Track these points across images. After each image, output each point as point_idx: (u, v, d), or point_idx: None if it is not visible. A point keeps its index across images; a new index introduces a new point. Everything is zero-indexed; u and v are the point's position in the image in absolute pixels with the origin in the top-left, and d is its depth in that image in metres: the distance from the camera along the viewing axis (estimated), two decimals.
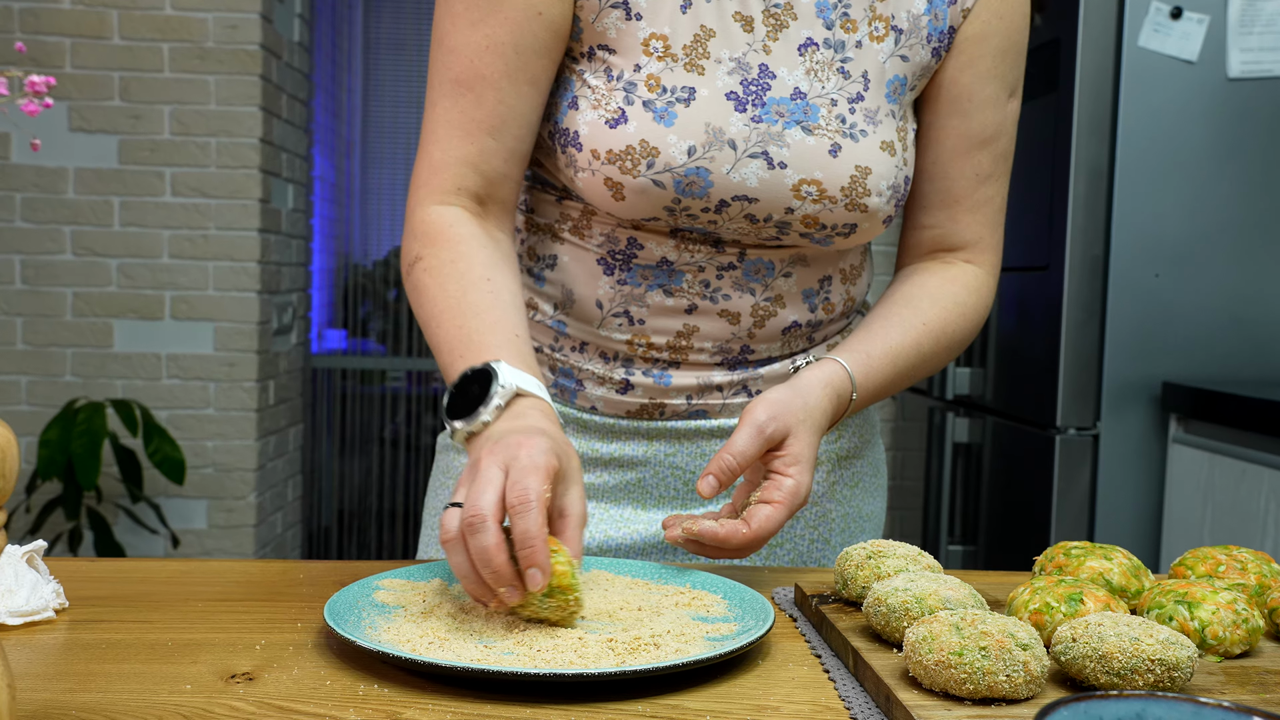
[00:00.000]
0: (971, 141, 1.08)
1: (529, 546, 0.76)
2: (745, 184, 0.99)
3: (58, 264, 3.23)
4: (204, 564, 1.00)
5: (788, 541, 1.13)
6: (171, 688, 0.70)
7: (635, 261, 1.04)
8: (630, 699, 0.70)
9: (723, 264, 1.05)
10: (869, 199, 1.01)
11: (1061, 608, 0.75)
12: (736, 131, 0.99)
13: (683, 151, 0.97)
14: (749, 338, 1.07)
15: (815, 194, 1.00)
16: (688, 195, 0.99)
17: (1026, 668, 0.65)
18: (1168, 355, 2.28)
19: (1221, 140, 2.26)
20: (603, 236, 1.05)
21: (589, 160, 0.99)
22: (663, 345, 1.06)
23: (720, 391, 1.09)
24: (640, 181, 0.98)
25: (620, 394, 1.08)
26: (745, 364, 1.09)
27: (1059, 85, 2.34)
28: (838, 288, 1.11)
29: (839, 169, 1.00)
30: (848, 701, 0.70)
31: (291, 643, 0.79)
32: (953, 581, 0.77)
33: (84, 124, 3.20)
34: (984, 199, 1.10)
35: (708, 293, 1.05)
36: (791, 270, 1.07)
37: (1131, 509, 2.31)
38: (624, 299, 1.05)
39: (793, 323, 1.08)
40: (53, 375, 3.25)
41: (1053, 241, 2.35)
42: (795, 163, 0.99)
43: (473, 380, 0.89)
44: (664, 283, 1.05)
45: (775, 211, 1.01)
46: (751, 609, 0.83)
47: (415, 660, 0.70)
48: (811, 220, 1.01)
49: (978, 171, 1.09)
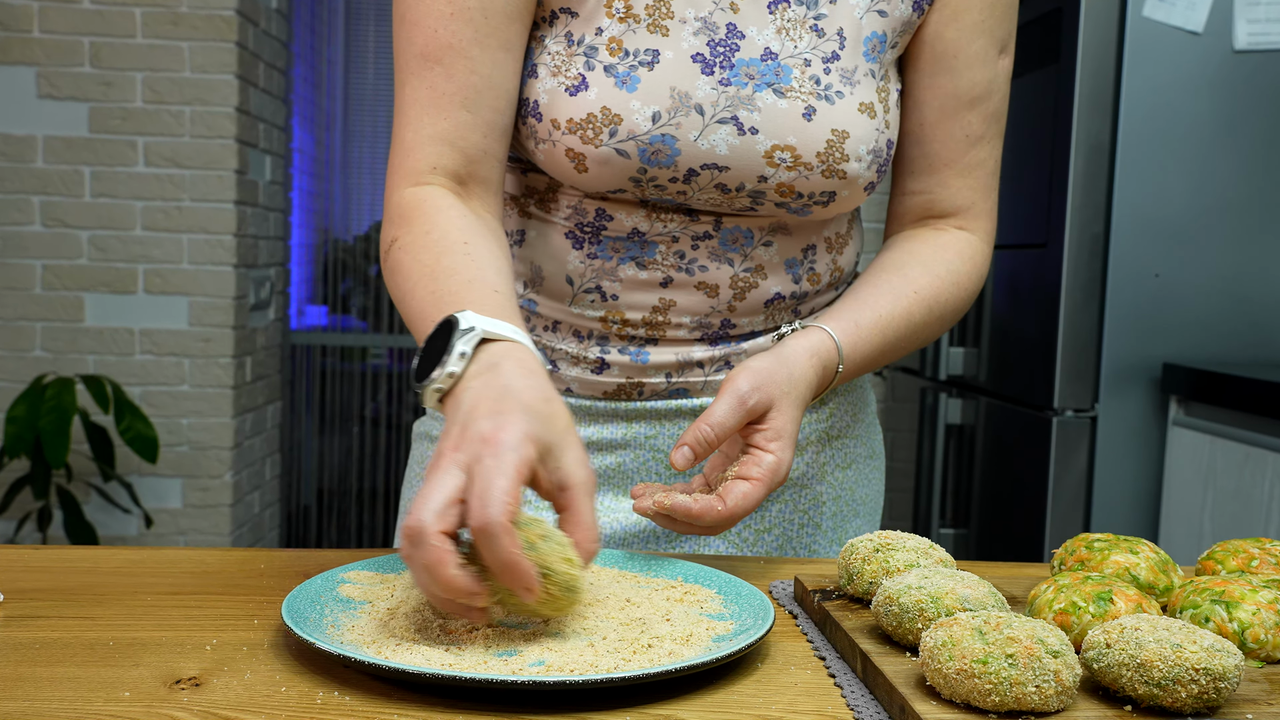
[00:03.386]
0: (960, 101, 1.01)
1: (508, 573, 0.66)
2: (714, 151, 0.93)
3: (26, 235, 3.13)
4: (156, 552, 0.93)
5: (776, 526, 1.06)
6: (108, 695, 0.63)
7: (605, 234, 0.99)
8: (619, 708, 0.63)
9: (697, 234, 0.99)
10: (848, 165, 0.95)
11: (1090, 608, 0.68)
12: (703, 96, 0.93)
13: (646, 118, 0.92)
14: (729, 311, 1.01)
15: (789, 160, 0.94)
16: (654, 165, 0.93)
17: (1058, 677, 0.59)
18: (1168, 336, 2.22)
19: (1227, 114, 2.20)
20: (570, 209, 0.99)
21: (549, 130, 0.94)
22: (638, 321, 1.01)
23: (701, 368, 1.03)
24: (603, 151, 0.93)
25: (596, 374, 1.02)
26: (727, 339, 1.03)
27: (1060, 57, 2.27)
28: (823, 257, 1.05)
29: (814, 133, 0.94)
30: (857, 711, 0.64)
31: (246, 643, 0.72)
32: (970, 578, 0.70)
33: (53, 90, 3.10)
34: (975, 162, 1.04)
35: (683, 264, 0.99)
36: (772, 239, 1.01)
37: (1129, 494, 2.25)
38: (595, 274, 1.00)
39: (775, 294, 1.02)
40: (21, 350, 3.16)
41: (1051, 218, 2.29)
42: (767, 128, 0.94)
43: (437, 336, 0.80)
44: (636, 255, 0.99)
45: (748, 180, 0.95)
46: (749, 606, 0.76)
47: (379, 665, 0.63)
48: (787, 188, 0.96)
49: (968, 133, 1.02)
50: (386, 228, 0.96)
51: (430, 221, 0.92)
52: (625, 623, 0.74)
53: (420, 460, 1.10)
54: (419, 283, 0.88)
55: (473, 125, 0.94)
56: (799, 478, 1.07)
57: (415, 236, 0.91)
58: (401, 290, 0.91)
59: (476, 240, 0.90)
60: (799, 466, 1.06)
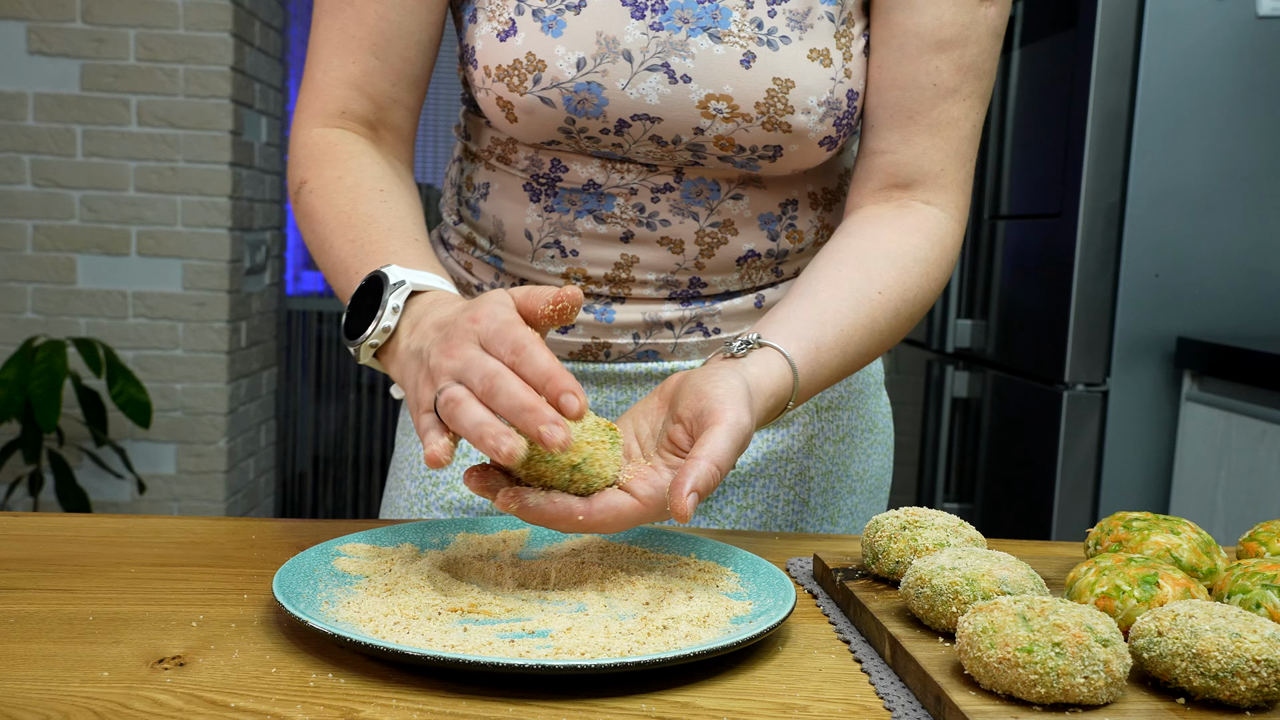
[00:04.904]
0: (925, 41, 0.89)
1: (549, 379, 0.64)
2: (645, 101, 0.88)
3: (16, 195, 3.07)
4: (142, 521, 0.89)
5: (760, 503, 1.01)
6: (84, 674, 0.59)
7: (561, 185, 0.95)
8: (632, 694, 0.59)
9: (658, 186, 0.93)
10: (792, 117, 0.88)
11: (1135, 592, 0.64)
12: (633, 41, 0.87)
13: (571, 64, 0.87)
14: (697, 268, 0.96)
15: (726, 111, 0.88)
16: (582, 114, 0.89)
17: (1108, 667, 0.55)
18: (1183, 309, 2.18)
19: (1248, 83, 2.14)
20: (527, 160, 0.95)
21: (483, 78, 0.90)
22: (601, 278, 0.96)
23: (671, 329, 0.97)
24: (528, 99, 0.88)
25: (561, 333, 0.98)
26: (698, 298, 0.97)
27: (1078, 22, 2.21)
28: (806, 214, 0.97)
29: (752, 82, 0.87)
30: (888, 700, 0.60)
31: (234, 619, 0.68)
32: (1007, 559, 0.66)
33: (43, 46, 3.03)
34: (945, 119, 0.91)
35: (643, 218, 0.94)
36: (742, 192, 0.94)
37: (1140, 470, 2.22)
38: (553, 228, 0.96)
39: (749, 252, 0.96)
40: (12, 312, 3.10)
41: (1066, 188, 2.24)
42: (701, 75, 0.87)
43: (365, 293, 0.78)
44: (594, 208, 0.94)
45: (683, 132, 0.89)
46: (768, 585, 0.72)
47: (376, 646, 0.59)
48: (726, 141, 0.89)
49: (935, 80, 0.90)
50: (295, 168, 0.93)
51: (343, 166, 0.89)
52: (640, 602, 0.69)
53: (404, 426, 1.06)
54: (336, 230, 0.86)
55: (381, 73, 0.92)
56: (784, 450, 1.01)
57: (327, 180, 0.89)
58: (317, 236, 0.88)
59: (391, 187, 0.89)
60: (783, 439, 1.01)
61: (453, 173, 1.05)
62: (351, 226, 0.85)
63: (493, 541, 0.80)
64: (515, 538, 0.81)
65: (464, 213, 1.02)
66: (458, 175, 1.03)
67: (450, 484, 1.00)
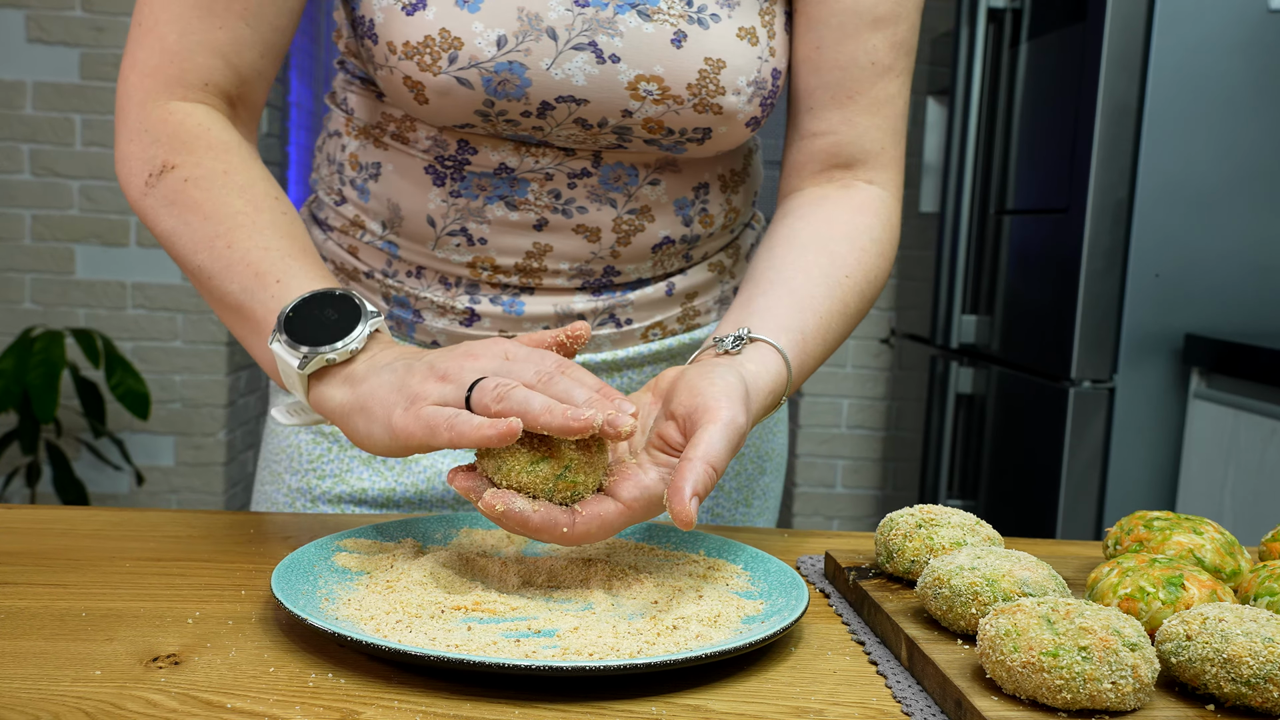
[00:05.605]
0: (862, 19, 0.88)
1: (601, 388, 0.66)
2: (570, 82, 0.83)
3: (15, 184, 3.05)
4: (138, 514, 0.87)
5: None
6: (76, 673, 0.57)
7: (469, 169, 0.88)
8: (642, 696, 0.57)
9: (574, 171, 0.88)
10: (724, 98, 0.85)
11: (1160, 594, 0.62)
12: (557, 18, 0.82)
13: (490, 42, 0.81)
14: (613, 257, 0.92)
15: (656, 93, 0.84)
16: (502, 97, 0.83)
17: (1136, 672, 0.53)
18: (1191, 305, 2.16)
19: (1260, 77, 2.12)
20: (429, 140, 0.89)
21: (385, 55, 0.83)
22: (510, 268, 0.91)
23: (583, 321, 0.93)
24: (443, 80, 0.82)
25: (465, 326, 0.93)
26: (610, 287, 0.93)
27: (1087, 15, 2.19)
28: (716, 197, 0.94)
29: (684, 62, 0.83)
30: (905, 704, 0.58)
31: (231, 616, 0.66)
32: (1028, 559, 0.64)
33: (42, 35, 3.01)
34: (884, 96, 0.90)
35: (559, 205, 0.89)
36: (659, 177, 0.91)
37: (1147, 468, 2.20)
38: (459, 214, 0.90)
39: (664, 238, 0.92)
40: (10, 302, 3.08)
41: (1074, 183, 2.21)
42: (630, 55, 0.83)
43: (326, 304, 0.73)
44: (505, 194, 0.89)
45: (610, 115, 0.84)
46: (779, 583, 0.70)
47: (378, 645, 0.57)
48: (656, 124, 0.85)
49: (874, 59, 0.89)
50: (146, 145, 0.82)
51: (225, 159, 0.81)
52: (649, 600, 0.67)
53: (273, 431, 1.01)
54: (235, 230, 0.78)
55: (251, 42, 0.84)
56: None
57: (209, 173, 0.80)
58: (201, 232, 0.79)
59: (282, 196, 0.82)
60: None
61: (329, 148, 0.97)
62: (260, 233, 0.78)
63: (497, 537, 0.78)
64: None
65: (348, 193, 0.95)
66: (337, 151, 0.96)
67: (338, 477, 0.96)
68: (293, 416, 0.80)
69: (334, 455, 0.97)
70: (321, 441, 0.98)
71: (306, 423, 0.80)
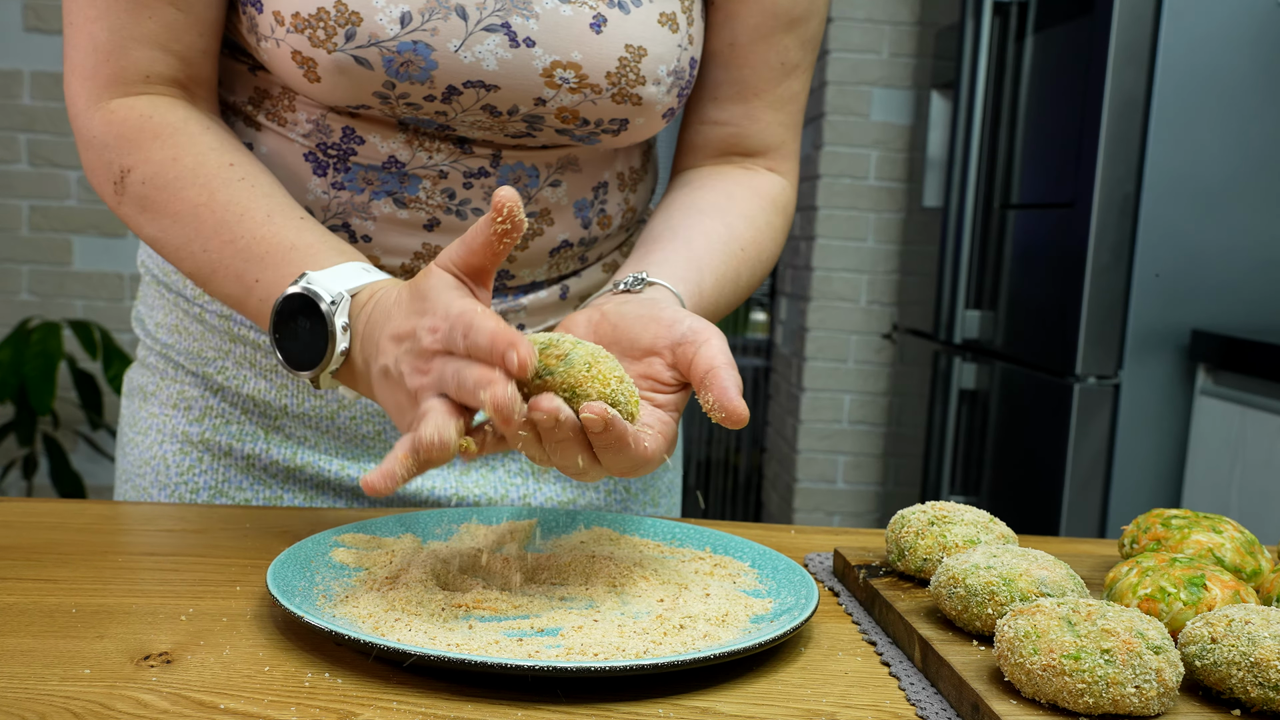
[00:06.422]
0: (779, 20, 0.86)
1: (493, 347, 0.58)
2: (480, 66, 0.77)
3: (13, 174, 3.03)
4: (133, 508, 0.85)
5: (578, 485, 0.94)
6: (64, 672, 0.55)
7: (354, 160, 0.82)
8: (648, 698, 0.56)
9: (471, 170, 0.83)
10: (643, 88, 0.81)
11: (1181, 594, 0.60)
12: None
13: (394, 19, 0.75)
14: (509, 262, 0.86)
15: (573, 81, 0.79)
16: (404, 79, 0.76)
17: (1160, 676, 0.51)
18: (1198, 301, 2.14)
19: (1268, 71, 2.10)
20: (310, 125, 0.82)
21: (272, 25, 0.76)
22: (397, 268, 0.85)
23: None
24: (338, 58, 0.75)
25: None
26: (503, 291, 0.88)
27: (1094, 8, 2.17)
28: (615, 196, 0.91)
29: (604, 49, 0.78)
30: (920, 707, 0.56)
31: (226, 613, 0.64)
32: (1045, 558, 0.62)
33: (39, 23, 2.98)
34: (788, 95, 0.90)
35: (452, 205, 0.83)
36: (560, 178, 0.86)
37: (1151, 464, 2.18)
38: (342, 208, 0.83)
39: (562, 242, 0.88)
40: (7, 293, 3.06)
41: (1080, 177, 2.19)
42: (546, 39, 0.77)
43: (293, 314, 0.69)
44: (394, 190, 0.83)
45: (522, 103, 0.79)
46: (788, 582, 0.69)
47: (376, 644, 0.55)
48: (570, 114, 0.80)
49: (784, 60, 0.88)
50: (104, 152, 0.79)
51: (172, 143, 0.77)
52: (655, 599, 0.66)
53: (131, 422, 0.93)
54: (203, 230, 0.75)
55: (186, 25, 0.78)
56: None
57: (159, 165, 0.76)
58: (173, 239, 0.76)
59: (238, 157, 0.77)
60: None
61: None
62: (223, 224, 0.74)
63: (498, 533, 0.77)
64: (522, 529, 0.77)
65: None
66: None
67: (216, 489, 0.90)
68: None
69: (205, 466, 0.90)
70: (191, 451, 0.91)
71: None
